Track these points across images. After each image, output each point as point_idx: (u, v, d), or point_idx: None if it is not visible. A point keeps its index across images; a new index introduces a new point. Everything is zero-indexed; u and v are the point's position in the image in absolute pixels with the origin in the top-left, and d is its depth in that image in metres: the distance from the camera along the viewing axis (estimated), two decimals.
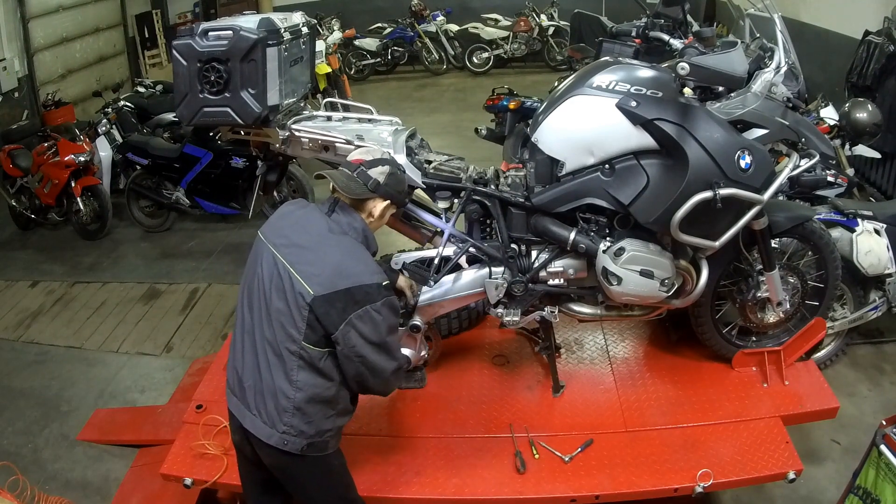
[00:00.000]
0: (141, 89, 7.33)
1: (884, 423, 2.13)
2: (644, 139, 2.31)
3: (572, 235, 2.45)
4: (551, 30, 10.57)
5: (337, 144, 2.53)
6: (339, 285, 1.84)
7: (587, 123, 2.38)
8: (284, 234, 1.99)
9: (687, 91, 2.33)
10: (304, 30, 2.69)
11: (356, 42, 10.88)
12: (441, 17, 10.99)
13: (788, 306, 2.76)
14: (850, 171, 4.02)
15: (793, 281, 2.77)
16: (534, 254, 2.57)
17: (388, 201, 2.06)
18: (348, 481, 2.13)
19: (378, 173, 2.02)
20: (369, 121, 2.72)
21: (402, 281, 2.48)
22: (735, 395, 2.67)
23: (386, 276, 1.95)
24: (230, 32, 2.34)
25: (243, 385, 1.98)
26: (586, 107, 2.37)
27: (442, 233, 2.61)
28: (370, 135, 2.57)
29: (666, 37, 2.73)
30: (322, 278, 1.85)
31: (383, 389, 2.07)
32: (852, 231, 3.28)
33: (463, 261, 2.64)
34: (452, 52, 11.10)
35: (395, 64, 11.28)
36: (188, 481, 2.40)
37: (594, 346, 3.04)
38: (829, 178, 3.67)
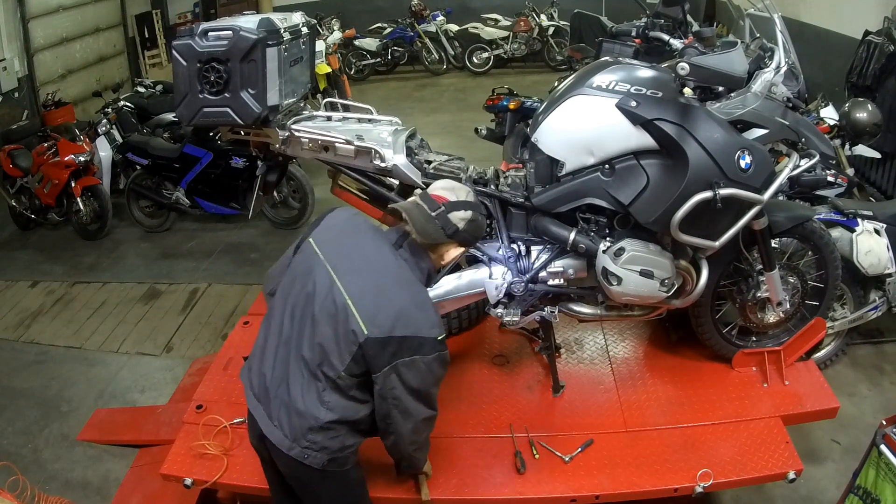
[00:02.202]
0: (141, 89, 7.33)
1: (884, 423, 2.13)
2: (644, 139, 2.31)
3: (572, 235, 2.45)
4: (551, 30, 10.57)
5: (337, 144, 2.53)
6: (397, 332, 1.76)
7: (587, 123, 2.38)
8: (346, 255, 1.88)
9: (687, 91, 2.33)
10: (304, 30, 2.69)
11: (356, 42, 10.89)
12: (441, 17, 10.99)
13: (788, 306, 2.76)
14: (850, 171, 4.02)
15: (793, 281, 2.77)
16: (534, 254, 2.57)
17: (463, 248, 1.96)
18: (363, 493, 2.08)
19: (459, 219, 1.90)
20: (369, 121, 2.72)
21: None
22: (735, 395, 2.67)
23: (443, 330, 1.85)
24: (230, 32, 2.34)
25: (269, 393, 1.90)
26: (586, 107, 2.37)
27: None
28: (370, 135, 2.57)
29: (666, 37, 2.73)
30: (381, 321, 1.76)
31: (408, 439, 1.93)
32: (852, 231, 3.28)
33: (463, 261, 2.64)
34: (452, 52, 11.10)
35: (395, 64, 11.29)
36: (188, 481, 2.39)
37: (594, 346, 3.04)
38: (829, 178, 3.67)
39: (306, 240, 1.99)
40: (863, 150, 4.39)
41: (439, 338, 1.81)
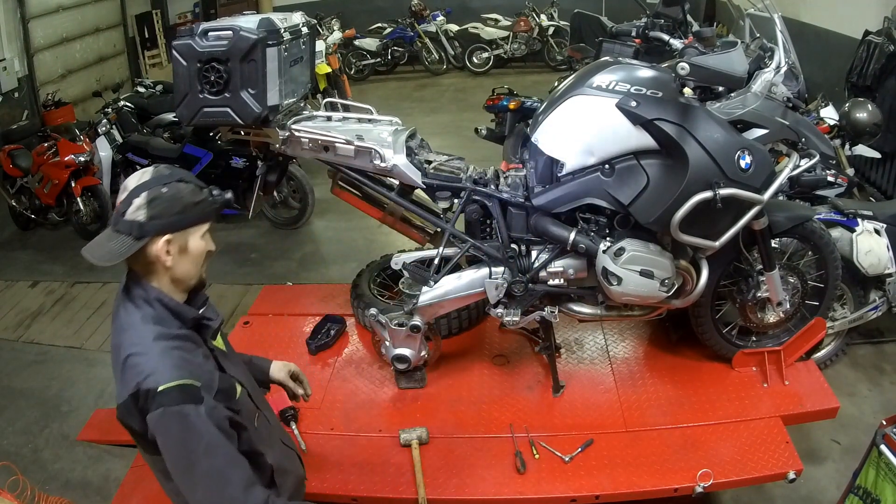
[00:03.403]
0: (141, 89, 7.32)
1: (884, 423, 2.13)
2: (644, 139, 2.31)
3: (572, 235, 2.45)
4: (551, 30, 10.57)
5: (337, 144, 2.53)
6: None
7: (587, 123, 2.38)
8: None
9: (687, 91, 2.33)
10: (304, 30, 2.69)
11: (356, 42, 10.89)
12: (441, 17, 10.99)
13: (788, 306, 2.76)
14: (850, 171, 4.02)
15: (793, 281, 2.77)
16: (534, 254, 2.57)
17: (168, 234, 1.48)
18: None
19: (135, 210, 1.46)
20: (369, 121, 2.72)
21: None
22: (735, 395, 2.66)
23: (169, 377, 1.42)
24: (230, 32, 2.34)
25: None
26: (586, 107, 2.37)
27: (442, 233, 2.61)
28: (370, 135, 2.57)
29: (666, 37, 2.73)
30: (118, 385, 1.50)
31: None
32: (852, 231, 3.28)
33: (463, 260, 2.64)
34: (452, 52, 11.10)
35: (395, 64, 11.29)
36: None
37: (594, 346, 3.04)
38: (829, 178, 3.68)
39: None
40: (863, 150, 4.38)
41: (160, 388, 1.40)
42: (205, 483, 1.45)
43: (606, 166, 2.39)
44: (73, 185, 5.60)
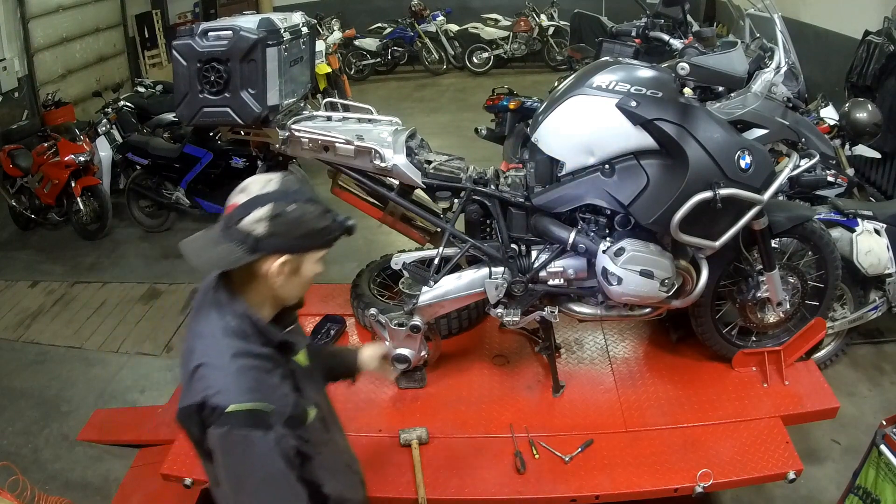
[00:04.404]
0: (141, 89, 7.34)
1: (884, 423, 2.13)
2: (644, 139, 2.31)
3: (572, 236, 2.45)
4: (551, 30, 10.57)
5: (337, 144, 2.53)
6: (189, 399, 1.42)
7: (587, 123, 2.38)
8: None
9: (687, 91, 2.33)
10: (304, 30, 2.69)
11: (356, 42, 10.89)
12: (441, 17, 11.00)
13: (788, 306, 2.76)
14: (850, 171, 4.02)
15: (793, 281, 2.77)
16: (534, 254, 2.57)
17: (286, 255, 1.40)
18: None
19: (254, 221, 1.37)
20: (369, 121, 2.72)
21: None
22: (735, 395, 2.66)
23: (246, 399, 1.36)
24: (230, 32, 2.34)
25: None
26: (586, 107, 2.37)
27: (442, 233, 2.61)
28: (370, 135, 2.57)
29: (666, 37, 2.73)
30: (184, 391, 1.45)
31: None
32: (852, 231, 3.28)
33: (463, 260, 2.64)
34: (452, 52, 11.11)
35: (395, 64, 11.29)
36: (188, 481, 2.39)
37: (594, 346, 3.04)
38: (829, 178, 3.68)
39: None
40: (863, 150, 4.39)
41: (228, 408, 1.33)
42: None
43: (606, 166, 2.39)
44: (73, 185, 5.61)
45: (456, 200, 2.59)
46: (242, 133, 2.62)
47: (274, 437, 1.37)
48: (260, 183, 1.42)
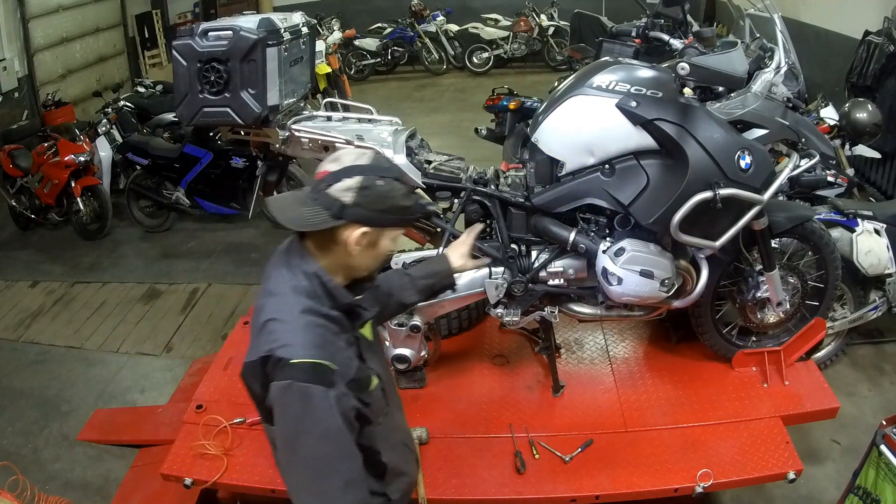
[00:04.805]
0: (141, 89, 7.34)
1: (884, 423, 2.13)
2: (644, 139, 2.31)
3: (572, 236, 2.45)
4: (551, 30, 10.57)
5: (337, 144, 2.53)
6: (255, 353, 1.45)
7: (587, 123, 2.38)
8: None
9: (687, 91, 2.33)
10: (304, 30, 2.69)
11: (356, 42, 10.90)
12: (441, 17, 11.00)
13: (788, 306, 2.76)
14: (850, 171, 4.02)
15: (793, 281, 2.77)
16: (534, 254, 2.57)
17: (365, 228, 1.45)
18: None
19: (343, 190, 1.42)
20: (369, 121, 2.72)
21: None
22: (735, 395, 2.66)
23: (308, 353, 1.39)
24: (230, 32, 2.35)
25: None
26: (586, 107, 2.37)
27: (442, 233, 2.61)
28: (370, 135, 2.57)
29: (666, 37, 2.73)
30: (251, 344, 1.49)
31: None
32: (852, 231, 3.28)
33: None
34: (452, 52, 11.11)
35: (395, 64, 11.29)
36: (188, 481, 2.39)
37: (594, 346, 3.04)
38: (829, 178, 3.68)
39: None
40: (863, 150, 4.38)
41: (293, 360, 1.36)
42: (305, 467, 1.40)
43: (606, 166, 2.39)
44: (73, 185, 5.61)
45: (456, 200, 2.59)
46: (242, 133, 2.62)
47: (335, 395, 1.38)
48: (353, 155, 1.48)
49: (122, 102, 6.51)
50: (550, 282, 2.56)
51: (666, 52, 2.72)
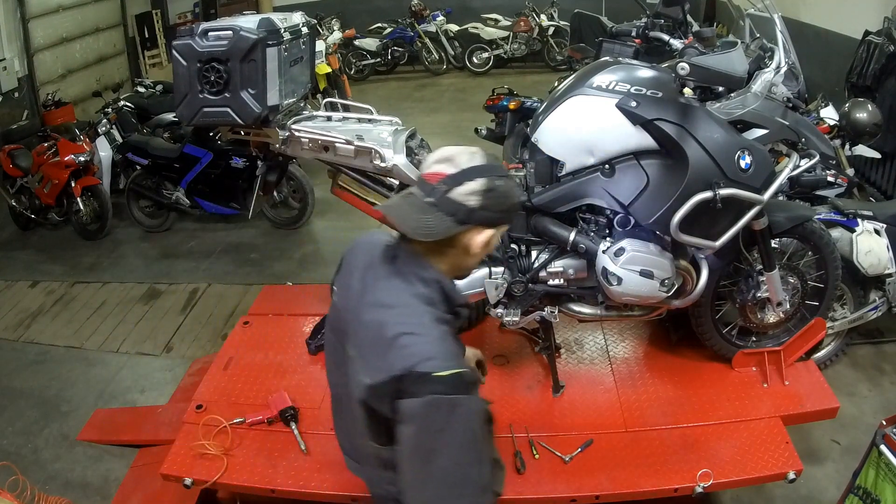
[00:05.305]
0: (141, 89, 7.34)
1: (884, 423, 2.13)
2: (644, 139, 2.31)
3: (572, 236, 2.45)
4: (551, 30, 10.57)
5: (337, 144, 2.54)
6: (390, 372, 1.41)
7: (587, 123, 2.38)
8: (353, 297, 1.55)
9: (687, 91, 2.33)
10: (304, 30, 2.70)
11: (356, 42, 10.89)
12: (441, 17, 10.99)
13: (788, 306, 2.76)
14: (850, 171, 4.02)
15: (793, 281, 2.77)
16: (534, 254, 2.57)
17: (493, 230, 1.45)
18: None
19: (467, 194, 1.39)
20: (369, 121, 2.72)
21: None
22: (735, 395, 2.66)
23: (443, 364, 1.35)
24: (230, 32, 2.35)
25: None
26: (586, 107, 2.37)
27: None
28: (370, 135, 2.57)
29: (666, 37, 2.73)
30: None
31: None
32: (852, 231, 3.28)
33: None
34: (452, 52, 11.10)
35: (395, 64, 11.29)
36: (188, 481, 2.39)
37: (594, 346, 3.04)
38: (829, 178, 3.67)
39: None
40: (863, 150, 4.38)
41: (435, 374, 1.32)
42: (441, 479, 1.34)
43: (606, 166, 2.39)
44: (73, 185, 5.60)
45: None
46: (242, 133, 2.63)
47: (476, 401, 1.39)
48: (466, 155, 1.44)
49: (122, 102, 6.50)
50: (550, 282, 2.56)
51: (666, 52, 2.72)
